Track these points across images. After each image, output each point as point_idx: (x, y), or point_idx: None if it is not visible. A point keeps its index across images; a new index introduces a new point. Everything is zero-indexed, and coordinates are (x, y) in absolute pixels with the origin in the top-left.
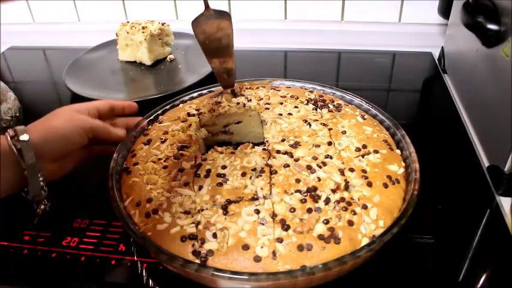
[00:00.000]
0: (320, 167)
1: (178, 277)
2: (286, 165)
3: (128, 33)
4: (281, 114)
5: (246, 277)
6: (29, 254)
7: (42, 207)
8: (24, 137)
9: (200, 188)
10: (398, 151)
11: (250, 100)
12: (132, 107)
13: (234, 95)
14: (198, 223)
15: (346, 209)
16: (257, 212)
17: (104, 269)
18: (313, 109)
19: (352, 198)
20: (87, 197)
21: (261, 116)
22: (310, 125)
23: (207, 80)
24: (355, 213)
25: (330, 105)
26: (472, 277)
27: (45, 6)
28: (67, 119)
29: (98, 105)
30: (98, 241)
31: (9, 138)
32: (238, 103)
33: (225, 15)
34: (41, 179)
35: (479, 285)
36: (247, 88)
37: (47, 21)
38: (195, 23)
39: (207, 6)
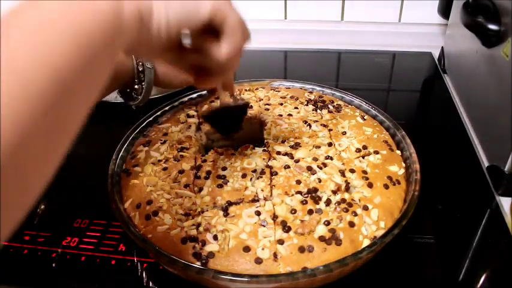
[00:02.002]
0: (320, 168)
1: (179, 277)
2: (287, 167)
3: None
4: (281, 115)
5: (247, 279)
6: (29, 254)
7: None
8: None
9: (200, 189)
10: (398, 152)
11: (251, 107)
12: None
13: (234, 98)
14: (199, 225)
15: (347, 210)
16: (258, 213)
17: (104, 269)
18: (313, 110)
19: (353, 199)
20: (87, 197)
21: (261, 117)
22: (310, 126)
23: None
24: (356, 215)
25: (329, 105)
26: (472, 277)
27: None
28: None
29: None
30: (98, 241)
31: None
32: None
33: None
34: None
35: (479, 285)
36: (246, 90)
37: None
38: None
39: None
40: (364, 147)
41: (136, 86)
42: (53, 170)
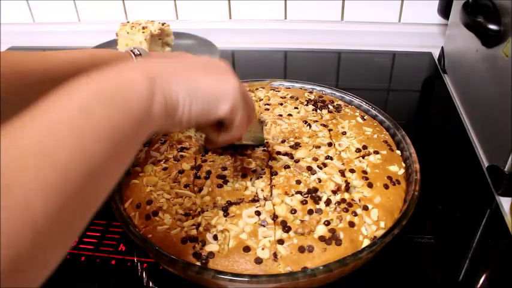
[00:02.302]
0: (320, 168)
1: (178, 277)
2: (287, 167)
3: (128, 33)
4: (281, 115)
5: (247, 279)
6: None
7: None
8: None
9: (200, 189)
10: (398, 152)
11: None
12: None
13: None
14: (199, 225)
15: (347, 210)
16: (258, 213)
17: (104, 269)
18: (313, 110)
19: (352, 199)
20: None
21: (260, 117)
22: (310, 126)
23: None
24: (356, 215)
25: (329, 105)
26: (472, 277)
27: (45, 6)
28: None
29: None
30: (98, 241)
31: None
32: None
33: None
34: None
35: (479, 285)
36: None
37: (47, 21)
38: None
39: None
40: (364, 147)
41: None
42: (71, 242)
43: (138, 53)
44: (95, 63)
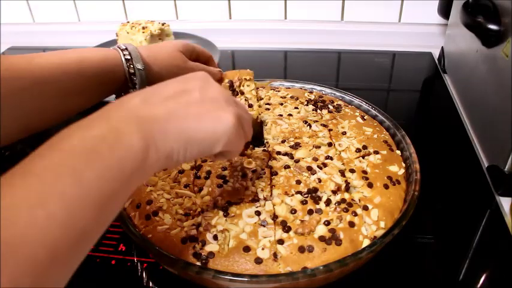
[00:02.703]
0: (320, 168)
1: (179, 277)
2: (287, 167)
3: (128, 33)
4: (281, 115)
5: (247, 279)
6: None
7: None
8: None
9: (200, 189)
10: (398, 152)
11: (252, 106)
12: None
13: (233, 91)
14: (199, 225)
15: (347, 210)
16: (258, 213)
17: (104, 269)
18: (313, 110)
19: (352, 199)
20: None
21: (261, 117)
22: (310, 126)
23: None
24: (356, 215)
25: (329, 105)
26: (472, 277)
27: (45, 6)
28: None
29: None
30: (98, 241)
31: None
32: None
33: None
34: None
35: (479, 285)
36: (246, 80)
37: (47, 21)
38: None
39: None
40: (364, 147)
41: (131, 90)
42: None
43: (127, 52)
44: (81, 66)
